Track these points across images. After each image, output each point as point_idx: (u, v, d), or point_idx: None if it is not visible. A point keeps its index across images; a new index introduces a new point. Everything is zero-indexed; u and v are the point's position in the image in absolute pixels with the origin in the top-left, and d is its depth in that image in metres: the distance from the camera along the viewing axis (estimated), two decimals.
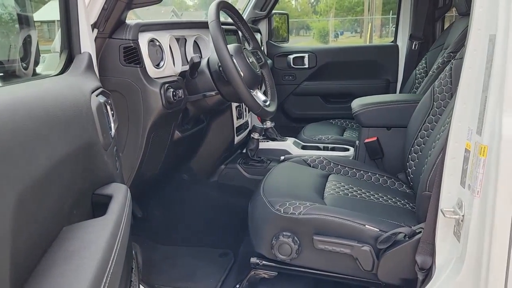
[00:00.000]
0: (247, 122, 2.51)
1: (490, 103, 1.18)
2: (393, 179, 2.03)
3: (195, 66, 1.71)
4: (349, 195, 1.81)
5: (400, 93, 3.03)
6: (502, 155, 1.15)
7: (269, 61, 3.26)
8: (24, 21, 1.25)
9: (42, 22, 1.47)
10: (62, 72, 1.13)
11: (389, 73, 3.14)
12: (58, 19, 1.22)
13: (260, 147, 2.39)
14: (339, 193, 1.81)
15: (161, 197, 2.35)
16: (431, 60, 2.63)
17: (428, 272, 1.43)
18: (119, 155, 1.21)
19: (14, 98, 0.72)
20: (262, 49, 3.21)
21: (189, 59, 1.80)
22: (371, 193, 1.86)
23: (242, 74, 1.73)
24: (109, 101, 1.12)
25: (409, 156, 1.99)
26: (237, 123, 2.31)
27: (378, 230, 1.53)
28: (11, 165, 0.63)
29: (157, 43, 1.64)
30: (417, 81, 2.70)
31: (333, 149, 2.41)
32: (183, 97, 1.65)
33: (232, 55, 1.72)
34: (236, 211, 2.30)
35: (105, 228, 0.82)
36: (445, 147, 1.35)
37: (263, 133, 2.52)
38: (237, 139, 2.34)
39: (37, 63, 1.31)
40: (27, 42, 1.24)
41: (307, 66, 3.23)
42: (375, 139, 2.11)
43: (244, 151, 2.39)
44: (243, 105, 2.39)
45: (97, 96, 1.05)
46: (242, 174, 2.30)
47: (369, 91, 2.89)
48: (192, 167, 2.29)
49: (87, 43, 1.26)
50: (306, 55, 3.20)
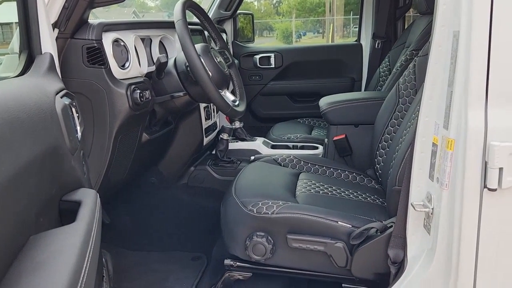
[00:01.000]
0: (215, 123, 2.49)
1: (455, 98, 1.21)
2: (362, 175, 2.06)
3: (161, 66, 1.67)
4: (321, 192, 1.82)
5: (365, 90, 3.09)
6: (468, 148, 1.18)
7: (236, 61, 3.25)
8: None
9: None
10: (22, 73, 1.08)
11: (354, 72, 3.20)
12: (15, 21, 1.16)
13: (229, 148, 2.37)
14: (310, 191, 1.82)
15: (130, 201, 2.29)
16: (394, 58, 2.69)
17: (400, 265, 1.46)
18: (86, 159, 1.17)
19: None
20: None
21: (155, 60, 1.77)
22: (342, 189, 1.88)
23: (210, 73, 1.71)
24: (74, 103, 1.08)
25: (377, 152, 2.02)
26: (205, 124, 2.28)
27: (350, 226, 1.55)
28: None
29: (122, 43, 1.60)
30: (381, 79, 2.76)
31: (302, 148, 2.42)
32: (150, 98, 1.61)
33: (199, 54, 1.69)
34: (207, 213, 2.27)
35: (75, 236, 0.78)
36: (413, 142, 1.38)
37: (232, 134, 2.50)
38: (206, 140, 2.31)
39: None
40: None
41: (273, 65, 3.24)
42: (343, 136, 2.14)
43: (213, 152, 2.37)
44: (211, 105, 2.37)
45: (61, 98, 1.00)
46: (212, 175, 2.28)
47: (334, 90, 2.93)
48: (160, 170, 2.24)
49: (48, 43, 1.20)
50: (272, 55, 3.21)
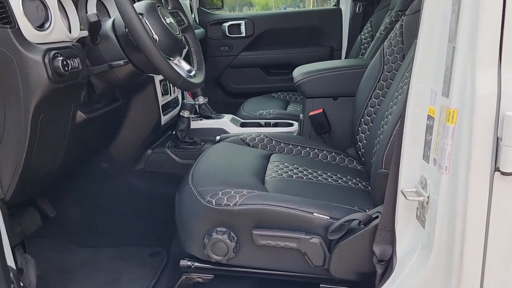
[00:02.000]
0: (176, 99, 2.18)
1: (458, 56, 0.94)
2: (342, 155, 1.80)
3: (94, 28, 1.36)
4: (294, 177, 1.55)
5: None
6: (475, 120, 0.92)
7: (202, 30, 2.92)
8: None
9: None
10: None
11: (333, 40, 2.91)
12: None
13: (192, 127, 2.08)
14: (282, 175, 1.55)
15: (78, 191, 1.99)
16: (377, 22, 2.41)
17: (388, 264, 1.21)
18: None
19: None
20: (193, 16, 2.86)
21: None
22: (319, 172, 1.61)
23: (156, 38, 1.40)
24: None
25: (359, 128, 1.76)
26: (162, 100, 1.97)
27: (328, 217, 1.29)
28: None
29: None
30: (362, 46, 2.48)
31: (275, 125, 2.15)
32: (81, 68, 1.30)
33: (141, 13, 1.38)
34: (167, 202, 1.99)
35: None
36: (403, 115, 1.12)
37: (196, 111, 2.21)
38: (164, 119, 2.01)
39: None
40: None
41: (244, 34, 2.92)
42: (320, 111, 1.86)
43: (174, 133, 2.07)
44: None
45: None
46: (172, 159, 1.99)
47: (312, 60, 2.63)
48: (112, 154, 1.94)
49: None
50: (242, 22, 2.89)
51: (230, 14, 3.09)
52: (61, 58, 1.21)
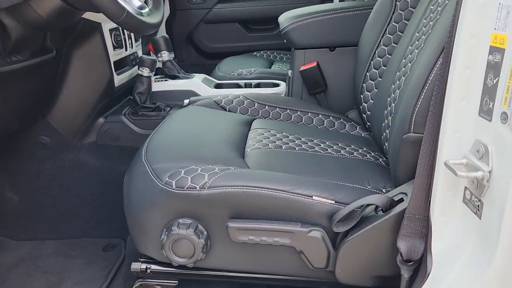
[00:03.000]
0: (134, 55, 1.77)
1: None
2: (342, 120, 1.44)
3: None
4: (283, 147, 1.18)
5: None
6: None
7: None
8: None
9: None
10: None
11: None
12: None
13: (155, 90, 1.68)
14: (268, 146, 1.18)
15: (13, 172, 1.59)
16: None
17: (418, 265, 0.86)
18: None
19: None
20: None
21: None
22: (315, 141, 1.25)
23: None
24: None
25: (363, 85, 1.39)
26: (115, 55, 1.56)
27: (332, 202, 0.93)
28: None
29: None
30: None
31: (258, 86, 1.76)
32: None
33: None
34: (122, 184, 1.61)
35: None
36: (448, 51, 0.75)
37: (162, 71, 1.80)
38: (118, 80, 1.60)
39: None
40: None
41: None
42: (314, 64, 1.48)
43: (132, 97, 1.67)
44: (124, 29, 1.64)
45: None
46: (130, 129, 1.60)
47: None
48: (52, 124, 1.54)
49: None
50: None
51: None
52: None
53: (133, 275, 1.08)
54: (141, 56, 1.61)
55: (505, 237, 0.68)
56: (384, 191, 0.99)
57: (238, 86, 1.78)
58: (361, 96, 1.40)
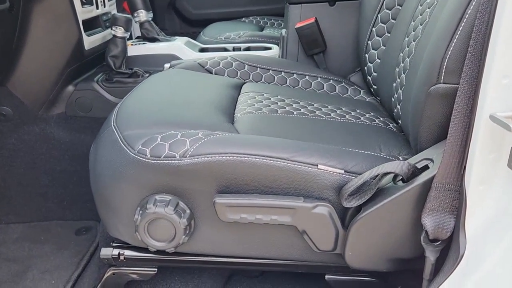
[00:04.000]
0: (108, 15, 1.57)
1: None
2: (343, 83, 1.27)
3: None
4: (279, 112, 1.01)
5: None
6: None
7: None
8: None
9: None
10: None
11: None
12: None
13: (131, 54, 1.49)
14: (261, 110, 1.01)
15: None
16: None
17: (447, 245, 0.71)
18: None
19: None
20: None
21: None
22: (315, 106, 1.08)
23: None
24: None
25: (369, 42, 1.22)
26: (84, 14, 1.36)
27: (341, 171, 0.77)
28: None
29: None
30: None
31: (247, 50, 1.58)
32: None
33: None
34: None
35: None
36: None
37: (142, 34, 1.60)
38: (88, 42, 1.41)
39: None
40: None
41: None
42: (312, 21, 1.30)
43: (105, 63, 1.48)
44: None
45: None
46: (103, 98, 1.41)
47: None
48: (14, 93, 1.35)
49: None
50: None
51: None
52: None
53: (105, 263, 0.91)
54: (114, 13, 1.41)
55: None
56: (401, 158, 0.83)
57: (225, 50, 1.59)
58: (366, 55, 1.23)
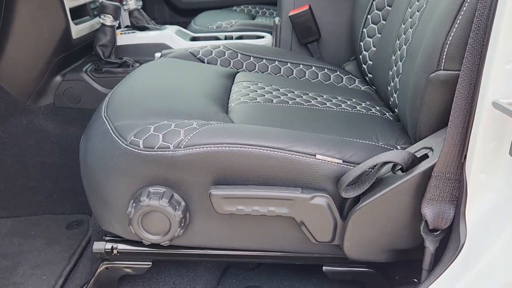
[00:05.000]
0: (96, 3, 1.53)
1: None
2: (338, 72, 1.25)
3: None
4: (274, 101, 0.99)
5: None
6: None
7: None
8: None
9: None
10: None
11: None
12: None
13: (120, 43, 1.45)
14: (256, 100, 0.99)
15: None
16: None
17: (447, 235, 0.70)
18: None
19: None
20: None
21: None
22: (310, 95, 1.06)
23: None
24: None
25: (364, 30, 1.20)
26: (70, 1, 1.32)
27: (340, 161, 0.75)
28: None
29: None
30: None
31: (239, 39, 1.55)
32: None
33: None
34: None
35: None
36: None
37: (132, 23, 1.57)
38: (76, 31, 1.37)
39: None
40: None
41: None
42: (306, 8, 1.28)
43: (94, 52, 1.44)
44: None
45: None
46: (93, 88, 1.38)
47: None
48: (0, 83, 1.31)
49: None
50: None
51: None
52: None
53: (97, 257, 0.89)
54: (101, 1, 1.37)
55: None
56: (398, 148, 0.82)
57: (217, 39, 1.57)
58: (361, 43, 1.21)
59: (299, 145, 0.75)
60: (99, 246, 0.86)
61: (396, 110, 1.00)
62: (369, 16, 1.18)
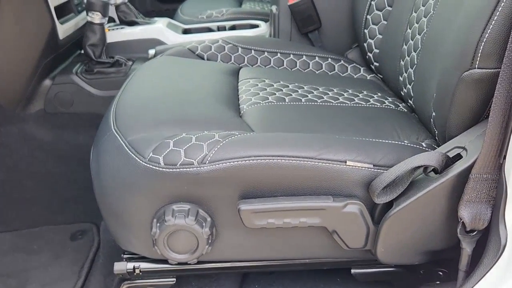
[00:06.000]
0: (81, 0, 1.44)
1: None
2: (342, 62, 1.22)
3: None
4: (287, 100, 0.95)
5: None
6: None
7: None
8: None
9: None
10: None
11: None
12: None
13: (110, 41, 1.38)
14: (267, 99, 0.95)
15: None
16: None
17: (484, 236, 0.69)
18: None
19: None
20: None
21: None
22: (320, 90, 1.03)
23: None
24: None
25: (368, 17, 1.16)
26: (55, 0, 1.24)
27: (370, 166, 0.73)
28: None
29: None
30: None
31: (233, 29, 1.50)
32: None
33: None
34: (86, 156, 1.34)
35: None
36: None
37: (118, 17, 1.48)
38: (63, 30, 1.29)
39: None
40: None
41: None
42: None
43: (83, 51, 1.36)
44: None
45: None
46: (85, 91, 1.31)
47: None
48: None
49: None
50: None
51: None
52: None
53: (118, 277, 0.85)
54: None
55: None
56: (424, 145, 0.80)
57: (209, 30, 1.50)
58: (365, 31, 1.17)
59: (329, 152, 0.72)
60: (120, 267, 0.82)
61: (410, 101, 0.97)
62: (373, 2, 1.15)
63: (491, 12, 0.63)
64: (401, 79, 1.01)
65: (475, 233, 0.70)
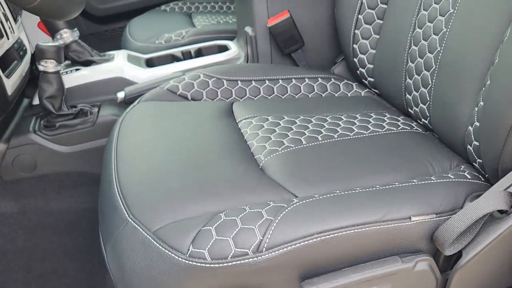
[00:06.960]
0: (20, 43, 1.23)
1: None
2: (333, 80, 1.15)
3: None
4: (303, 142, 0.86)
5: None
6: None
7: None
8: None
9: None
10: None
11: None
12: None
13: (67, 86, 1.19)
14: (283, 144, 0.85)
15: None
16: None
17: None
18: None
19: None
20: None
21: None
22: (329, 121, 0.95)
23: None
24: None
25: (357, 32, 1.10)
26: None
27: (434, 216, 0.67)
28: None
29: None
30: None
31: (199, 54, 1.36)
32: None
33: None
34: (61, 224, 1.17)
35: None
36: None
37: (65, 57, 1.29)
38: (11, 84, 1.09)
39: None
40: None
41: None
42: (286, 15, 1.13)
43: (36, 104, 1.17)
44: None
45: None
46: (49, 150, 1.12)
47: None
48: None
49: None
50: None
51: None
52: None
53: None
54: (37, 44, 1.10)
55: None
56: (468, 176, 0.75)
57: (174, 57, 1.36)
58: (355, 46, 1.11)
59: (391, 211, 0.65)
60: None
61: (424, 120, 0.93)
62: (360, 16, 1.08)
63: None
64: (409, 97, 0.96)
65: None
